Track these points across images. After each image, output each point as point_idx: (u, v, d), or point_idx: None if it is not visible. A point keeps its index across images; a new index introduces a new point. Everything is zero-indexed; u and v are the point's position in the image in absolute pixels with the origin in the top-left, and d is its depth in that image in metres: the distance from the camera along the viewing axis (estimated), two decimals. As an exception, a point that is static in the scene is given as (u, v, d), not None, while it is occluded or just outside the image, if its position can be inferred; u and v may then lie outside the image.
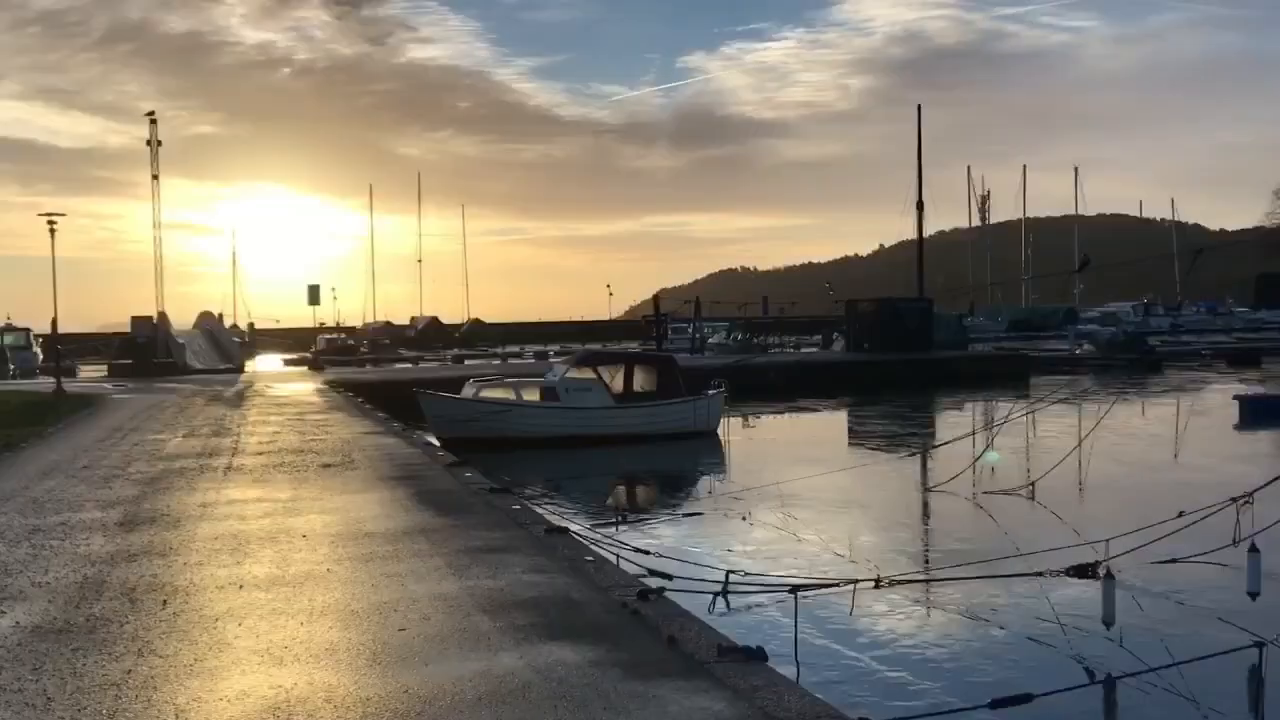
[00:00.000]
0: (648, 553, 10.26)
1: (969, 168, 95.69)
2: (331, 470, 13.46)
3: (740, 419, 29.85)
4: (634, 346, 61.83)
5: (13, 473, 13.56)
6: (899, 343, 44.15)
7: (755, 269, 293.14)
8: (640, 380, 25.39)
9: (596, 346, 54.55)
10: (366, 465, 14.00)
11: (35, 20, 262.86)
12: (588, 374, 25.06)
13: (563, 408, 24.28)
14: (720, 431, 26.13)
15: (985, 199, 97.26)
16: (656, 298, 28.47)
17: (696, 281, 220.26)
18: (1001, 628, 9.37)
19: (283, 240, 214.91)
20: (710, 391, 26.23)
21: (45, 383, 30.19)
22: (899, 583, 9.91)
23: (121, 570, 7.88)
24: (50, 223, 26.89)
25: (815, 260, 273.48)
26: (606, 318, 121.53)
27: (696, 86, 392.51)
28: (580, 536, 9.54)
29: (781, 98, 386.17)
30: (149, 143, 41.14)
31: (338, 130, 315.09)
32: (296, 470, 13.49)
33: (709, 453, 24.30)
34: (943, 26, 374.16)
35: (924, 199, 52.68)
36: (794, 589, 7.82)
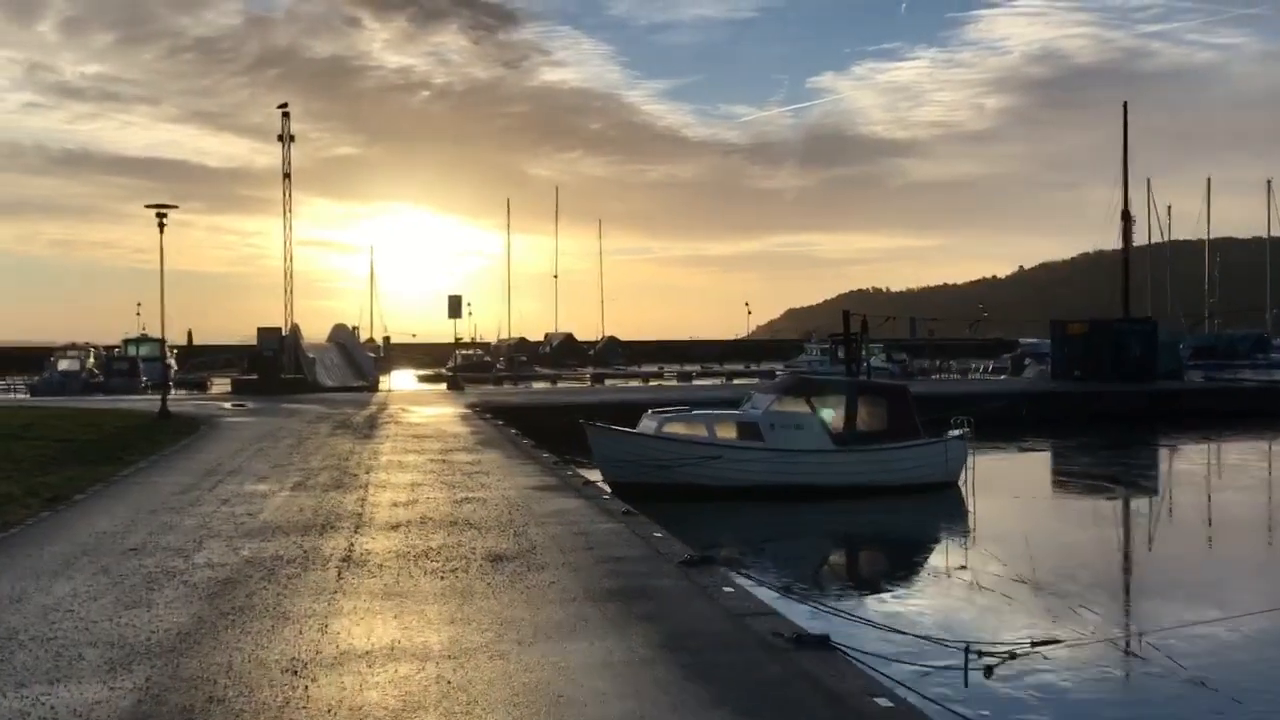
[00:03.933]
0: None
1: (1149, 181, 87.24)
2: (504, 569, 8.38)
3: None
4: (780, 368, 55.80)
5: (22, 559, 8.81)
6: (1121, 371, 37.37)
7: (887, 289, 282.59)
8: (865, 415, 19.76)
9: (805, 369, 44.42)
10: (556, 559, 8.85)
11: (191, 47, 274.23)
12: (799, 406, 19.54)
13: (768, 449, 18.85)
14: (961, 483, 20.30)
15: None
16: (847, 314, 23.02)
17: (826, 302, 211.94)
18: None
19: (419, 258, 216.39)
20: (953, 431, 20.47)
21: (171, 397, 26.14)
22: None
23: None
24: (160, 215, 22.96)
25: (950, 281, 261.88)
26: (743, 335, 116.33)
27: (826, 107, 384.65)
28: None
29: (913, 117, 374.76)
30: (280, 138, 37.90)
31: (473, 151, 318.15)
32: (450, 568, 8.45)
33: (957, 515, 18.53)
34: (1082, 45, 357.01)
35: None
36: None
